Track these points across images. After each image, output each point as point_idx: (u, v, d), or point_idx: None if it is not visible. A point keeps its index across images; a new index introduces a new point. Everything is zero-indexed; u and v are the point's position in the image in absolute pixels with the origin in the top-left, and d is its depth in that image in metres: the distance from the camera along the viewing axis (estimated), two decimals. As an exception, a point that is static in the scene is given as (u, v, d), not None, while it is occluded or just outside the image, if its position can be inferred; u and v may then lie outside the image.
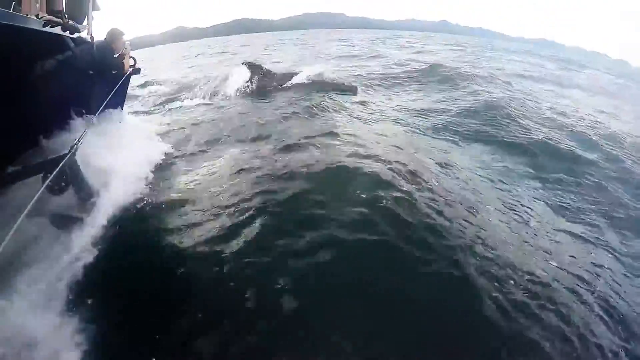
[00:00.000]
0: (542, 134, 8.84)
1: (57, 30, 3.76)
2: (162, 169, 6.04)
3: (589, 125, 10.62)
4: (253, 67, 12.35)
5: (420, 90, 13.30)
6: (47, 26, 3.38)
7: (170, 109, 10.84)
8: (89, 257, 3.85)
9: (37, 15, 3.46)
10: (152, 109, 11.20)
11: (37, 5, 3.65)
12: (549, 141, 8.41)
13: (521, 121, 9.49)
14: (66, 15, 4.20)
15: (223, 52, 34.17)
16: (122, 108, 7.12)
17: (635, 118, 13.74)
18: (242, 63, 12.80)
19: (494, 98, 11.58)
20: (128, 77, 6.12)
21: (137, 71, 6.29)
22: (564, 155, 7.84)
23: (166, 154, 6.63)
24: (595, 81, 24.42)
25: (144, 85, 15.75)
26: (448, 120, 9.35)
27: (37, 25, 3.19)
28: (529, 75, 20.31)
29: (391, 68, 17.69)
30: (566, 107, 12.74)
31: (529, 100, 12.05)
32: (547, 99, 13.25)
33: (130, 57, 6.05)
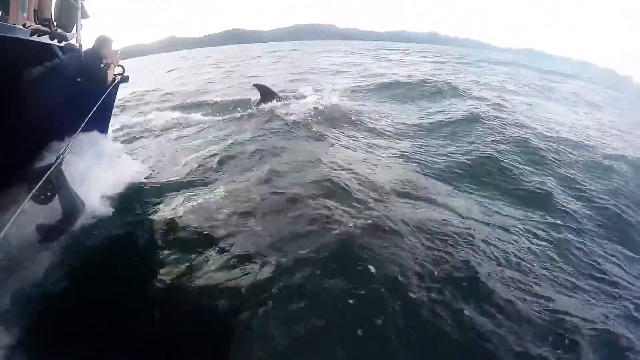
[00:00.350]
0: (497, 166, 7.45)
1: (45, 39, 3.80)
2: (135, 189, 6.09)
3: (561, 148, 9.27)
4: (261, 89, 12.17)
5: (375, 107, 12.67)
6: (34, 35, 3.42)
7: (147, 126, 10.65)
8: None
9: (24, 25, 3.50)
10: (127, 124, 10.97)
11: (25, 15, 3.70)
12: (506, 176, 7.08)
13: (474, 148, 8.28)
14: (54, 24, 4.25)
15: (204, 65, 34.39)
16: (109, 117, 7.13)
17: (616, 134, 12.57)
18: (254, 85, 12.52)
19: (453, 117, 10.80)
20: (117, 85, 6.11)
21: (125, 79, 6.28)
22: (519, 195, 6.44)
23: (142, 174, 6.67)
24: (579, 92, 23.91)
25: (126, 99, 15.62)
26: (392, 146, 8.45)
27: (24, 35, 3.23)
28: (505, 87, 19.45)
29: (358, 82, 17.53)
30: (539, 124, 11.55)
31: (495, 120, 10.76)
32: (518, 116, 12.01)
33: (119, 65, 6.06)
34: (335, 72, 22.93)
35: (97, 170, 5.35)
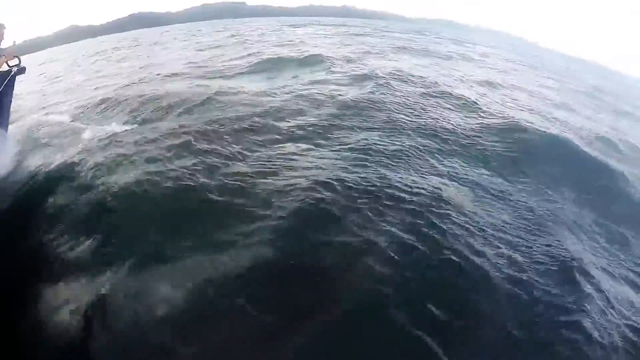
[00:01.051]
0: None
1: None
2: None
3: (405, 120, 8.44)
4: None
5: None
6: None
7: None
8: None
9: None
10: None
11: None
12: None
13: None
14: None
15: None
16: (8, 110, 6.97)
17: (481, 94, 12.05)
18: None
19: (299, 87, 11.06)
20: (13, 77, 6.02)
21: (22, 70, 6.22)
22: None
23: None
24: (470, 55, 24.03)
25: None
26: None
27: None
28: (389, 54, 19.41)
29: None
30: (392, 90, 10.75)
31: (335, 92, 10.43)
32: (365, 89, 11.01)
33: (15, 56, 5.94)
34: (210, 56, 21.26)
35: None
